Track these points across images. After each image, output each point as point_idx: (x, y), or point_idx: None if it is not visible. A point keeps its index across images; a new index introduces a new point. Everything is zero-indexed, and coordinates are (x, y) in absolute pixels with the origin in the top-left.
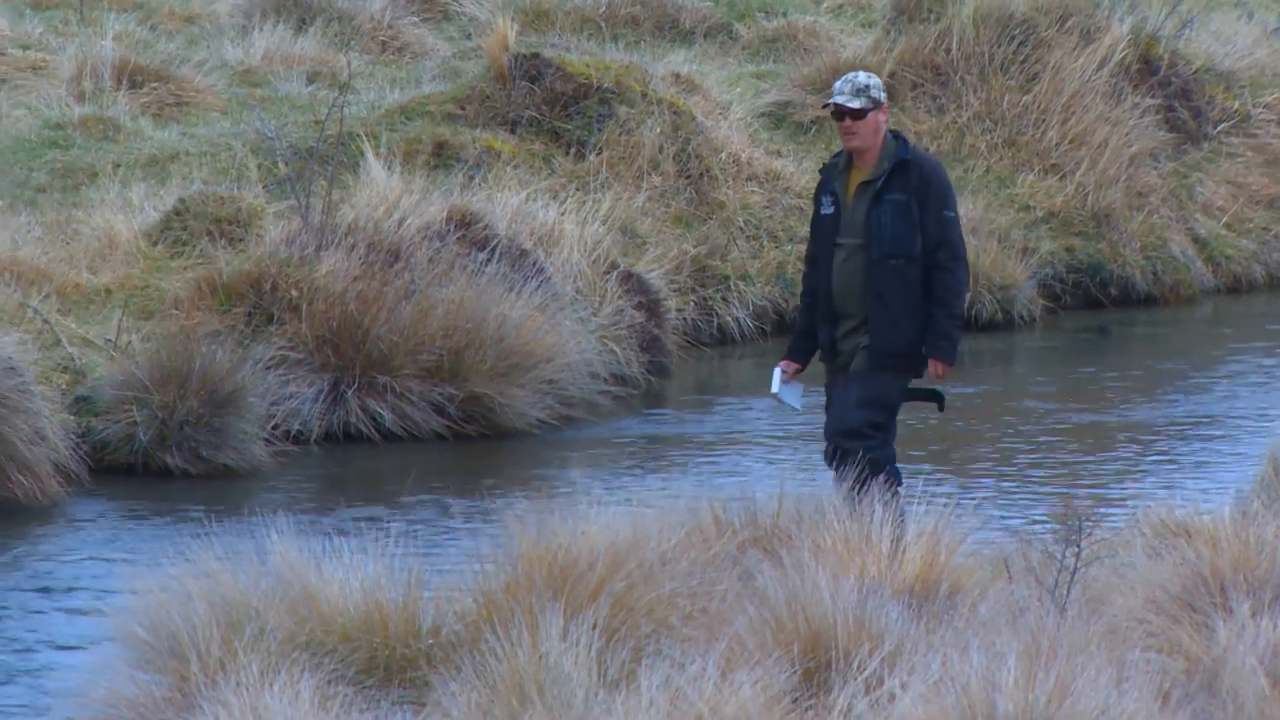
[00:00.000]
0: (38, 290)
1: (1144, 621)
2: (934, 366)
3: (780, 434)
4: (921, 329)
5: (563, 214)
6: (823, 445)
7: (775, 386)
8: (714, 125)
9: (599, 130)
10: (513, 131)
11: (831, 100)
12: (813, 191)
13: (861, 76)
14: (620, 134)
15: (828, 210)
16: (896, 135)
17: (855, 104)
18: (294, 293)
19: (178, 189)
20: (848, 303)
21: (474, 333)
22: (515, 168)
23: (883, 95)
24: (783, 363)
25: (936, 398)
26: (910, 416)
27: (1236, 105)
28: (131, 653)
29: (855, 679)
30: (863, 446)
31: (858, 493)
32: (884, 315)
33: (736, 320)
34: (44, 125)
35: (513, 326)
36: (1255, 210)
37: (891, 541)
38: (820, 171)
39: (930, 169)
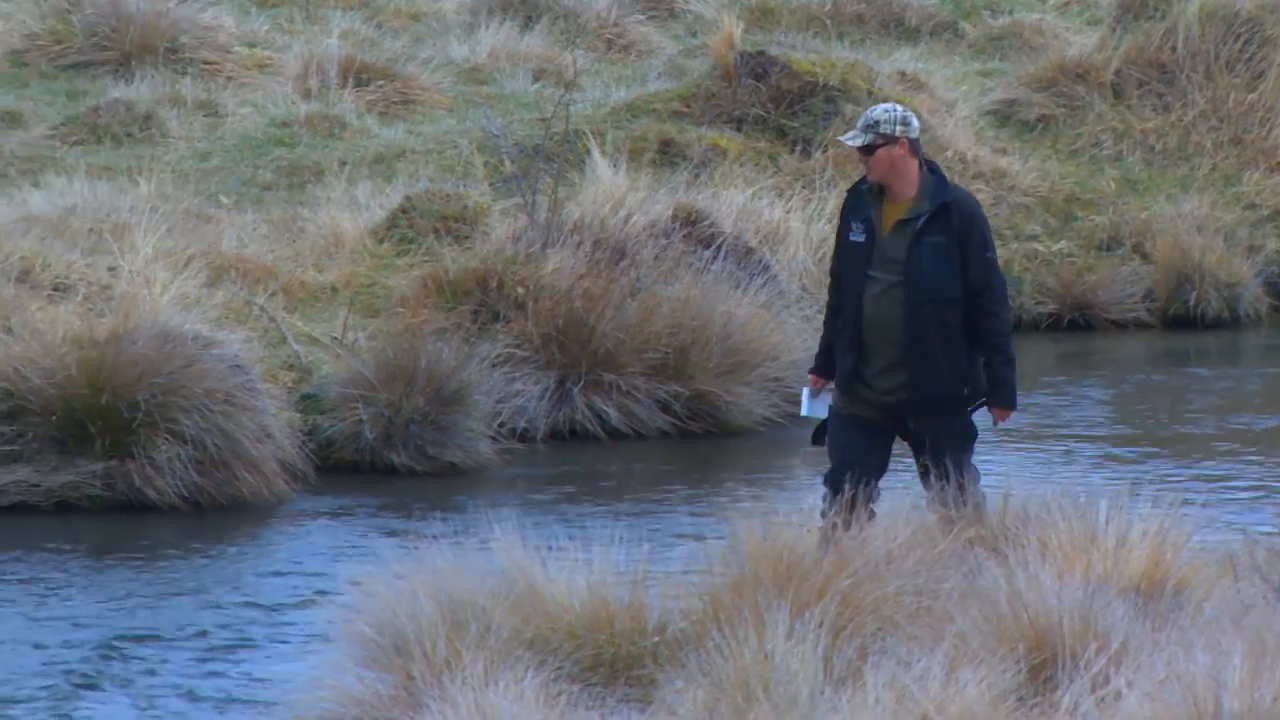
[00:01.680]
0: (264, 288)
1: None
2: (997, 414)
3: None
4: (959, 373)
5: (788, 212)
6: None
7: (805, 410)
8: (940, 123)
9: (825, 128)
10: (738, 129)
11: (841, 136)
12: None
13: (878, 111)
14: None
15: (858, 238)
16: (933, 170)
17: (858, 141)
18: (520, 290)
19: (403, 187)
20: (879, 339)
21: (700, 330)
22: (741, 165)
23: (899, 129)
24: (809, 378)
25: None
26: (1141, 417)
27: None
28: (358, 650)
29: (1081, 677)
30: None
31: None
32: (924, 361)
33: None
34: (270, 123)
35: (738, 324)
36: None
37: (1117, 540)
38: (848, 192)
39: (971, 210)
